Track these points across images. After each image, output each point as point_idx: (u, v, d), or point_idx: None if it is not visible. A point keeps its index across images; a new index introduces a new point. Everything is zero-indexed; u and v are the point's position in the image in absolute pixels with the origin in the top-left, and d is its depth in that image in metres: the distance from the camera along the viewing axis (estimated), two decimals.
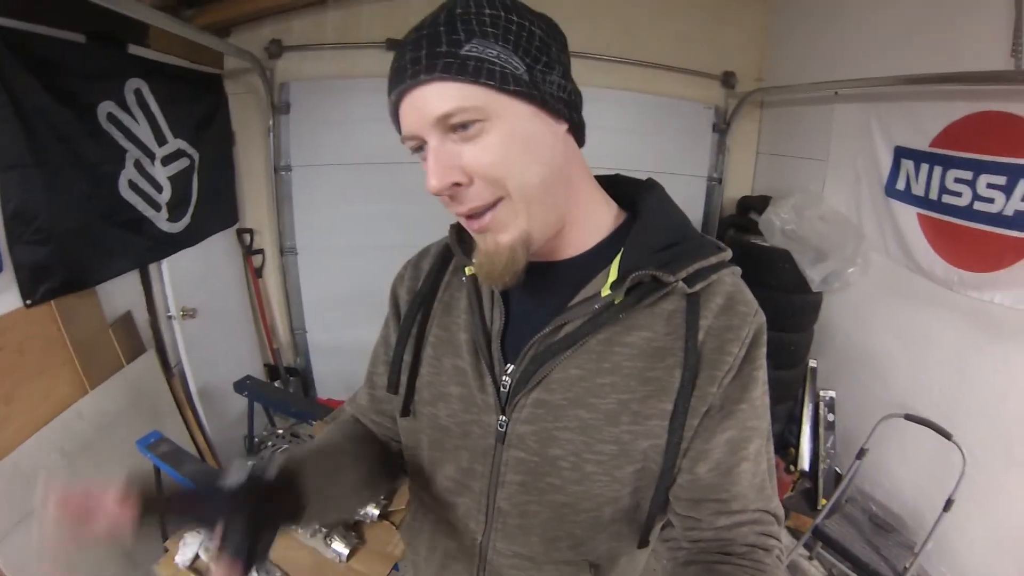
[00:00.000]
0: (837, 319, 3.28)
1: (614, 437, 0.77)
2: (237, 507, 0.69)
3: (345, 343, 3.82)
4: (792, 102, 3.60)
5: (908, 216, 2.70)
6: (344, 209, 3.70)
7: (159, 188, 2.73)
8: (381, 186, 3.65)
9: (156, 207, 2.72)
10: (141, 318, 2.77)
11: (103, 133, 2.39)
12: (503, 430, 0.83)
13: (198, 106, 3.08)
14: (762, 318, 0.78)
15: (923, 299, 2.67)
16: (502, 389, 0.82)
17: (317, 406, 3.20)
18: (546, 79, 0.72)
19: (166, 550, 2.10)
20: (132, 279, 2.73)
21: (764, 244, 3.23)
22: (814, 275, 3.06)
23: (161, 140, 2.73)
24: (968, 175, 2.35)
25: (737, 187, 4.01)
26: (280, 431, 2.40)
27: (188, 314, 2.96)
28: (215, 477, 0.71)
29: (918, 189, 2.62)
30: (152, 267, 2.83)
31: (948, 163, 2.45)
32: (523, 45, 0.70)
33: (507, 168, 0.70)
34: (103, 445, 2.34)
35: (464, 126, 0.68)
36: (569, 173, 0.78)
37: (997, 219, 2.25)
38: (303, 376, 4.00)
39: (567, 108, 0.74)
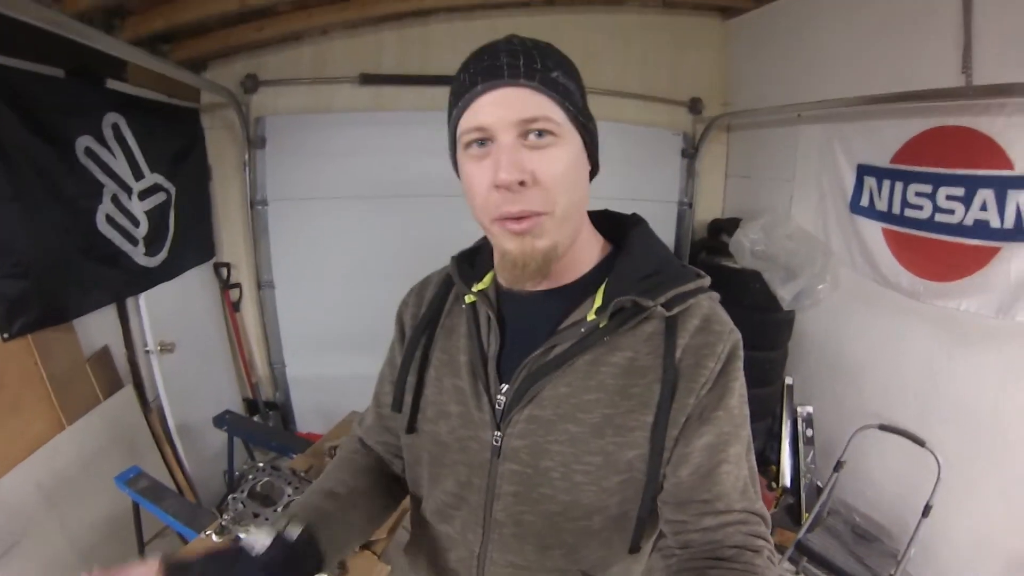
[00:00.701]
0: (810, 335, 3.35)
1: (600, 448, 0.82)
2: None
3: (324, 376, 3.81)
4: (758, 125, 3.72)
5: (873, 231, 2.79)
6: (321, 242, 3.71)
7: (136, 222, 2.73)
8: (357, 219, 3.69)
9: (133, 241, 2.71)
10: (119, 352, 2.74)
11: (81, 167, 2.40)
12: (498, 445, 0.87)
13: (175, 140, 3.10)
14: (737, 335, 0.85)
15: (892, 311, 2.75)
16: (497, 407, 0.88)
17: (297, 440, 3.15)
18: (590, 123, 0.83)
19: None
20: (109, 313, 2.70)
21: (735, 266, 3.31)
22: (785, 293, 3.14)
23: (138, 174, 2.74)
24: (928, 188, 2.45)
25: (707, 210, 4.10)
26: (261, 464, 2.37)
27: (166, 348, 2.93)
28: (239, 547, 0.76)
29: (881, 204, 2.72)
30: (129, 301, 2.80)
31: (908, 178, 2.55)
32: (581, 90, 0.83)
33: (564, 184, 0.78)
34: (82, 481, 2.30)
35: (540, 134, 0.76)
36: (585, 205, 0.87)
37: (957, 229, 2.34)
38: (282, 410, 3.95)
39: (595, 153, 0.87)
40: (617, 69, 3.75)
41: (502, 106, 0.76)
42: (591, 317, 0.83)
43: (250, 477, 2.35)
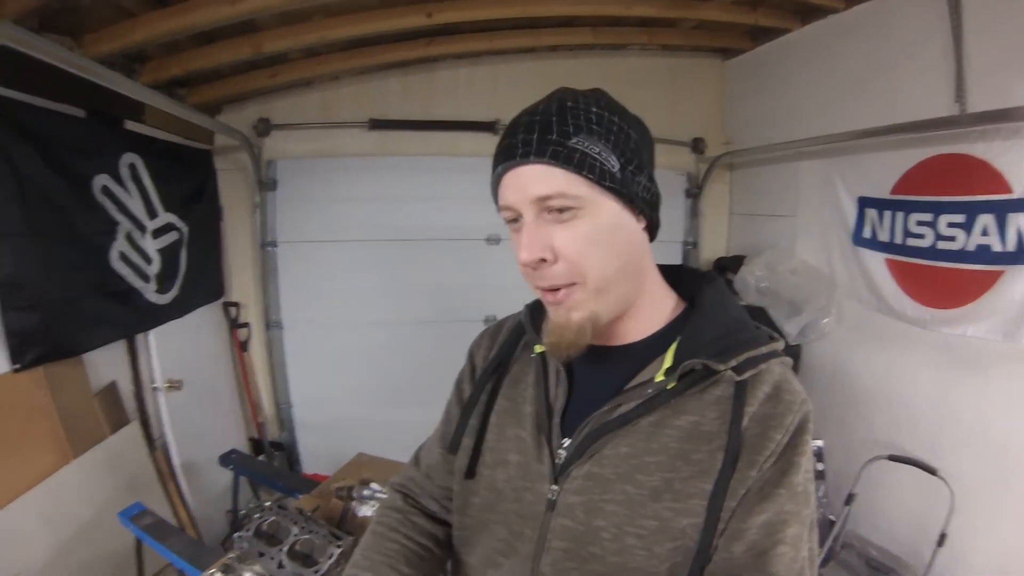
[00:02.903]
0: (817, 369, 3.32)
1: (655, 513, 0.80)
2: None
3: (330, 418, 3.81)
4: (759, 163, 3.78)
5: (876, 262, 2.80)
6: (329, 285, 3.76)
7: (149, 260, 2.78)
8: (365, 263, 3.74)
9: (145, 279, 2.75)
10: (126, 388, 2.75)
11: (97, 205, 2.45)
12: (554, 499, 0.86)
13: (188, 181, 3.18)
14: (808, 407, 0.82)
15: (898, 340, 2.74)
16: (557, 461, 0.87)
17: (303, 480, 3.13)
18: (635, 179, 0.81)
19: None
20: (118, 349, 2.72)
21: (740, 303, 3.30)
22: (790, 328, 3.14)
23: (152, 213, 2.80)
24: (929, 217, 2.48)
25: (712, 249, 4.14)
26: (268, 503, 2.35)
27: (174, 386, 2.94)
28: None
29: (883, 235, 2.74)
30: (139, 338, 2.83)
31: (909, 208, 2.58)
32: (620, 146, 0.79)
33: (590, 257, 0.78)
34: (85, 515, 2.28)
35: (560, 210, 0.76)
36: (640, 265, 0.87)
37: (960, 255, 2.35)
38: (288, 451, 3.93)
39: (648, 208, 0.84)
40: None
41: (518, 186, 0.78)
42: (659, 378, 0.81)
43: (256, 516, 2.32)
